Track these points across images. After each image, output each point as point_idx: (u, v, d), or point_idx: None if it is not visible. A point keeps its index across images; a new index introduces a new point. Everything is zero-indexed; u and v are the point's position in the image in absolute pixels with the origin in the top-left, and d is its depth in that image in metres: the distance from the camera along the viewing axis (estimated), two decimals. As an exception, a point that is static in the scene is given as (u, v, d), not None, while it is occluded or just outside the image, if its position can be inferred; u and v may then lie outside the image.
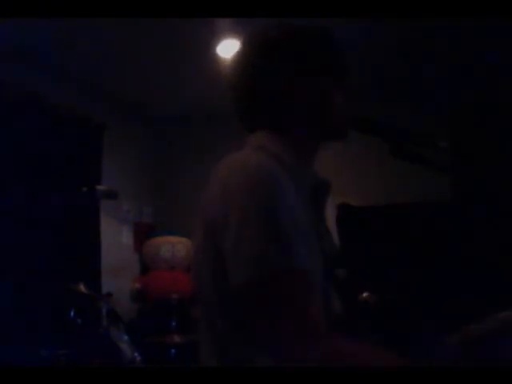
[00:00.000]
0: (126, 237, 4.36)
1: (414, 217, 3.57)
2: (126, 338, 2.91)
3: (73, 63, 3.52)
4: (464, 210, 3.40)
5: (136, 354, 2.84)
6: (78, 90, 3.79)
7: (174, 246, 4.22)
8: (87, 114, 3.83)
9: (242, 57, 1.04)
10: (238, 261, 0.81)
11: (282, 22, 1.05)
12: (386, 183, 3.82)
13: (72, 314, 2.81)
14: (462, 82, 3.59)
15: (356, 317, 0.92)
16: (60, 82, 3.63)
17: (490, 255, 3.11)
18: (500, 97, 3.49)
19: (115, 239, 4.19)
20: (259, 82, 1.01)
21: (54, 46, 3.26)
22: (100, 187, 3.09)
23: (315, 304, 0.82)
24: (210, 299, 0.90)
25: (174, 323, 3.25)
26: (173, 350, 3.19)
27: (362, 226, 3.70)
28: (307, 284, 0.82)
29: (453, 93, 3.66)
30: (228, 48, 3.27)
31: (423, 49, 3.42)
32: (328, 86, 1.01)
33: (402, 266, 3.37)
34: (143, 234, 4.43)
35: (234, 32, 3.06)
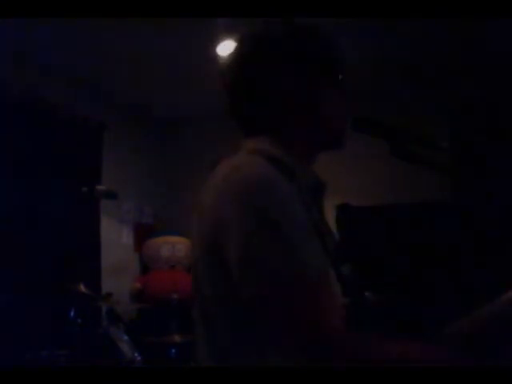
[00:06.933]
0: (126, 237, 4.36)
1: (414, 217, 3.57)
2: (125, 337, 2.91)
3: (73, 63, 3.52)
4: (464, 210, 3.40)
5: (136, 354, 2.84)
6: (78, 90, 3.79)
7: (173, 246, 4.23)
8: (87, 114, 3.83)
9: (241, 58, 1.00)
10: (248, 273, 0.79)
11: (279, 22, 1.03)
12: (386, 183, 3.82)
13: (72, 313, 2.81)
14: (462, 82, 3.59)
15: (358, 315, 0.92)
16: (60, 82, 3.63)
17: (489, 255, 3.11)
18: (500, 97, 3.49)
19: (115, 239, 4.19)
20: (259, 84, 0.98)
21: (54, 46, 3.26)
22: (100, 187, 3.09)
23: (334, 308, 0.80)
24: (213, 309, 0.88)
25: (174, 323, 3.25)
26: (173, 350, 3.18)
27: (361, 226, 3.70)
28: (322, 290, 0.80)
29: (453, 93, 3.66)
30: (228, 48, 3.27)
31: (423, 49, 3.42)
32: (328, 88, 1.00)
33: (402, 266, 3.37)
34: (143, 233, 4.44)
35: (234, 32, 3.06)
